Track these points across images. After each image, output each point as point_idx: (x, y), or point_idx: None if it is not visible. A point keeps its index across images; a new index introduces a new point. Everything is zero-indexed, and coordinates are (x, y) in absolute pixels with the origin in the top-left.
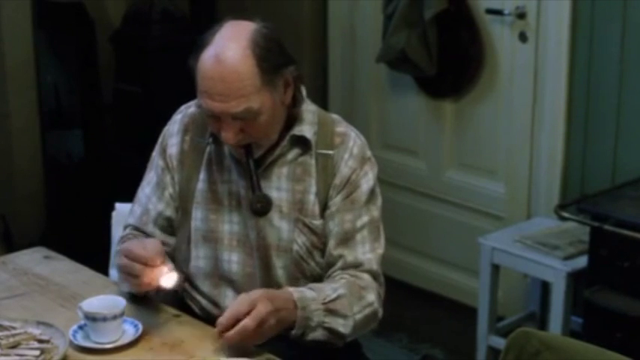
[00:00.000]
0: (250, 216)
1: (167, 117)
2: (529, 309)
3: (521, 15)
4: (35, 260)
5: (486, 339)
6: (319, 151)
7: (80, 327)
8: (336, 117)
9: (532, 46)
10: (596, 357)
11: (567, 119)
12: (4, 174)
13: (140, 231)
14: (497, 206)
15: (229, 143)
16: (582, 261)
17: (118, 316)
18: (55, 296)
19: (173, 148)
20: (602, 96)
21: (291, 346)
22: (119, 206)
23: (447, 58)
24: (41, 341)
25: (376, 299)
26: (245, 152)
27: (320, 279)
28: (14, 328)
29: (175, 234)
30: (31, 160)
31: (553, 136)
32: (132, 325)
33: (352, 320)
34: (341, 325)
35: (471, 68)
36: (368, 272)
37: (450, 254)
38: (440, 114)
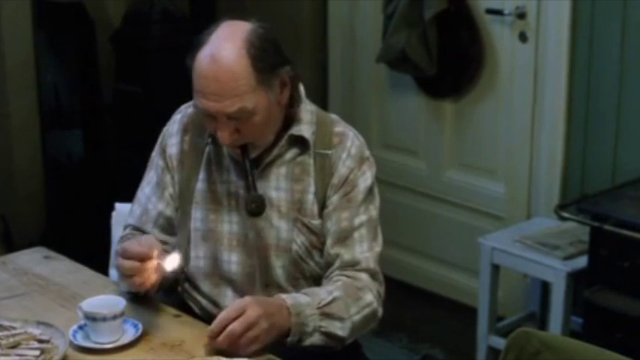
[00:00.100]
0: (249, 216)
1: (167, 117)
2: (529, 309)
3: (521, 15)
4: (35, 260)
5: (486, 339)
6: (317, 151)
7: (80, 327)
8: (335, 117)
9: (532, 46)
10: (596, 357)
11: (567, 119)
12: (4, 174)
13: (140, 231)
14: (497, 206)
15: (225, 143)
16: (582, 261)
17: (118, 316)
18: (55, 296)
19: (173, 148)
20: (602, 96)
21: (291, 347)
22: (119, 206)
23: (447, 58)
24: (41, 341)
25: (375, 299)
26: (241, 152)
27: (319, 279)
28: (14, 328)
29: (175, 234)
30: (31, 160)
31: (553, 136)
32: (132, 325)
33: (350, 322)
34: (338, 328)
35: (471, 68)
36: (365, 271)
37: (450, 254)
38: (440, 114)
